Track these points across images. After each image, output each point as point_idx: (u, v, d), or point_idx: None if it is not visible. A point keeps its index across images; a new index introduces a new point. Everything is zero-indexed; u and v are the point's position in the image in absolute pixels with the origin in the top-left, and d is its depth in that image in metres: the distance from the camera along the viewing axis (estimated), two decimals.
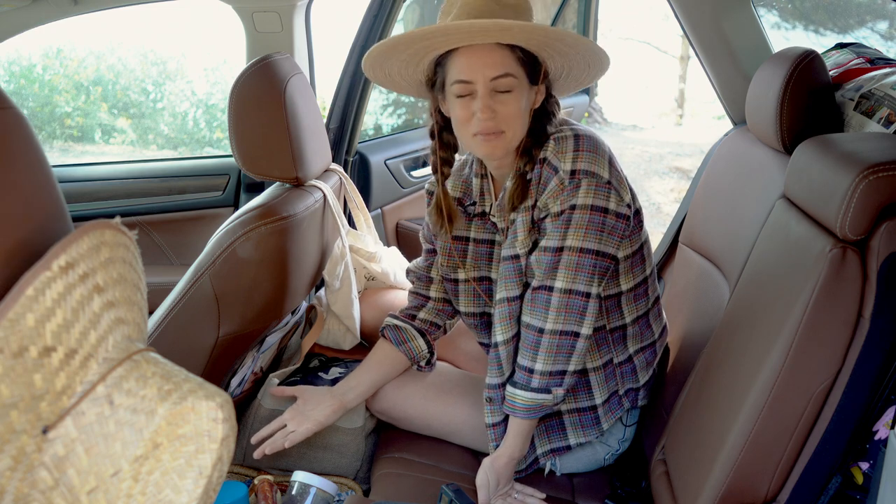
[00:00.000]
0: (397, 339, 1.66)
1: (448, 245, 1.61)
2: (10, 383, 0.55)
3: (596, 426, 1.57)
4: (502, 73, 1.35)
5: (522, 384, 1.45)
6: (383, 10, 2.22)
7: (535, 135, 1.44)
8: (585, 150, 1.39)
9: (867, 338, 1.13)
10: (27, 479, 0.58)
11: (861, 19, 6.56)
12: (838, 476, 1.16)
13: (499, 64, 1.35)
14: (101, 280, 0.62)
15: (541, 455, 1.58)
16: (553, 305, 1.41)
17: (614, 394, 1.57)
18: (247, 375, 1.80)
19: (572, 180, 1.38)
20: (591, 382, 1.56)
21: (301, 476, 1.50)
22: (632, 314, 1.56)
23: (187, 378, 0.64)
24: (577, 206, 1.38)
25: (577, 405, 1.57)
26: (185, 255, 2.45)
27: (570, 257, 1.39)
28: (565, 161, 1.39)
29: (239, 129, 1.69)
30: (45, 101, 6.73)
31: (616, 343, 1.56)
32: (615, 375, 1.57)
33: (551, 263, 1.40)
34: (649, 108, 8.63)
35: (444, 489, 1.41)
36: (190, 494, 0.61)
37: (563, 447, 1.58)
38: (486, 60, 1.35)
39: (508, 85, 1.36)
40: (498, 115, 1.37)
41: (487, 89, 1.36)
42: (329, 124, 2.30)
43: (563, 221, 1.39)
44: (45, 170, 0.65)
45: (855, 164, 1.16)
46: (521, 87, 1.38)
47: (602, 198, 1.38)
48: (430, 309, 1.69)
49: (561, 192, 1.39)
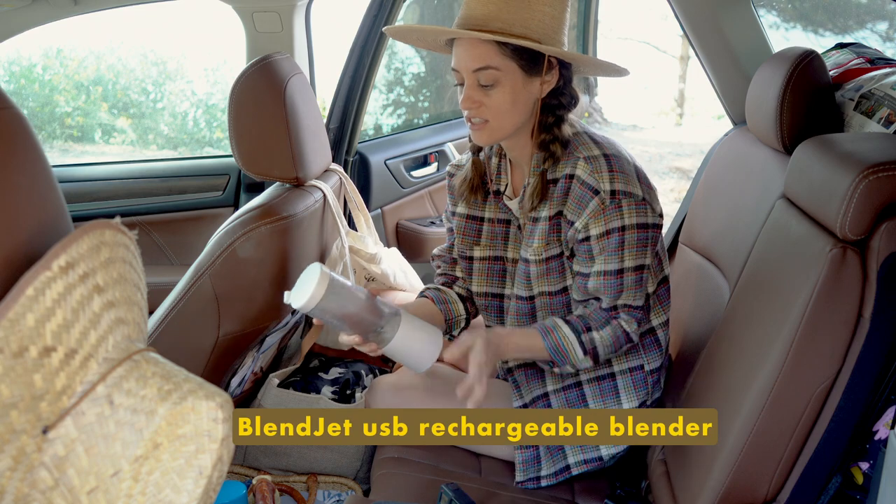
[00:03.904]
0: (438, 298, 1.64)
1: (462, 224, 1.62)
2: (10, 383, 0.55)
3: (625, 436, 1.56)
4: (482, 66, 1.38)
5: (574, 327, 1.45)
6: (383, 10, 2.22)
7: (548, 128, 1.45)
8: (619, 171, 1.41)
9: (867, 338, 1.13)
10: (27, 479, 0.58)
11: (861, 19, 6.56)
12: (838, 476, 1.16)
13: (479, 57, 1.38)
14: (101, 280, 0.62)
15: (573, 465, 1.57)
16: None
17: (643, 404, 1.56)
18: (247, 375, 1.80)
19: (613, 200, 1.40)
20: (619, 387, 1.55)
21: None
22: (658, 317, 1.56)
23: (187, 378, 0.64)
24: (626, 227, 1.40)
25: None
26: (185, 255, 2.45)
27: (630, 277, 1.43)
28: (604, 181, 1.40)
29: (239, 129, 1.69)
30: (45, 101, 6.73)
31: (648, 349, 1.55)
32: (646, 383, 1.55)
33: (615, 286, 1.43)
34: (649, 107, 8.63)
35: (444, 489, 1.41)
36: (190, 494, 0.61)
37: (596, 458, 1.57)
38: (468, 53, 1.39)
39: (490, 78, 1.39)
40: (482, 106, 1.41)
41: (472, 80, 1.40)
42: (329, 124, 2.30)
43: (617, 243, 1.41)
44: (45, 170, 0.65)
45: (855, 164, 1.16)
46: (510, 78, 1.40)
47: (643, 215, 1.42)
48: (461, 286, 1.69)
49: (602, 213, 1.40)
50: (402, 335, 1.33)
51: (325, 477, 1.75)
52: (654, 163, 6.81)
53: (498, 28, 1.36)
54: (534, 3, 1.37)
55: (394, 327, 1.33)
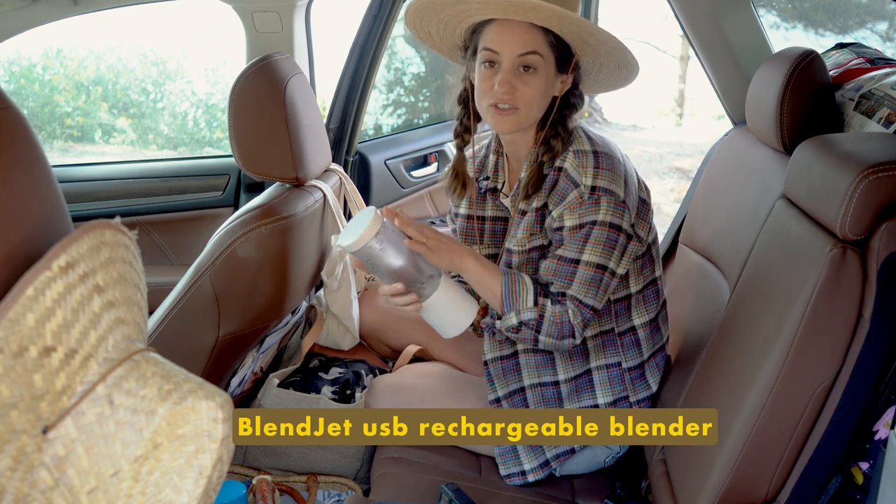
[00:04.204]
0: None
1: (464, 224, 1.63)
2: (10, 383, 0.55)
3: None
4: (530, 50, 1.38)
5: (534, 284, 1.43)
6: (383, 10, 2.22)
7: (554, 126, 1.46)
8: (605, 169, 1.42)
9: (867, 338, 1.13)
10: (27, 479, 0.58)
11: (861, 19, 6.55)
12: (838, 476, 1.16)
13: (528, 42, 1.38)
14: (101, 280, 0.62)
15: (551, 458, 1.58)
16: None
17: (623, 399, 1.57)
18: (247, 375, 1.80)
19: (592, 195, 1.40)
20: (595, 381, 1.56)
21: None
22: (641, 317, 1.56)
23: (187, 378, 0.64)
24: (597, 222, 1.40)
25: (580, 404, 1.56)
26: (185, 255, 2.45)
27: (586, 272, 1.41)
28: (586, 176, 1.41)
29: (239, 129, 1.69)
30: (45, 101, 6.72)
31: (627, 347, 1.56)
32: (622, 380, 1.56)
33: (567, 273, 1.42)
34: (649, 107, 8.62)
35: (444, 489, 1.41)
36: (190, 494, 0.61)
37: (568, 451, 1.58)
38: (516, 36, 1.38)
39: (534, 62, 1.39)
40: (517, 92, 1.40)
41: (513, 64, 1.39)
42: (329, 124, 2.30)
43: (583, 235, 1.41)
44: (46, 170, 0.65)
45: (855, 164, 1.16)
46: (547, 69, 1.41)
47: (618, 216, 1.41)
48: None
49: (579, 206, 1.41)
50: (440, 295, 1.35)
51: (325, 477, 1.75)
52: (654, 163, 6.81)
53: (547, 13, 1.33)
54: (570, 2, 1.38)
55: (433, 286, 1.34)
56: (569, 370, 1.56)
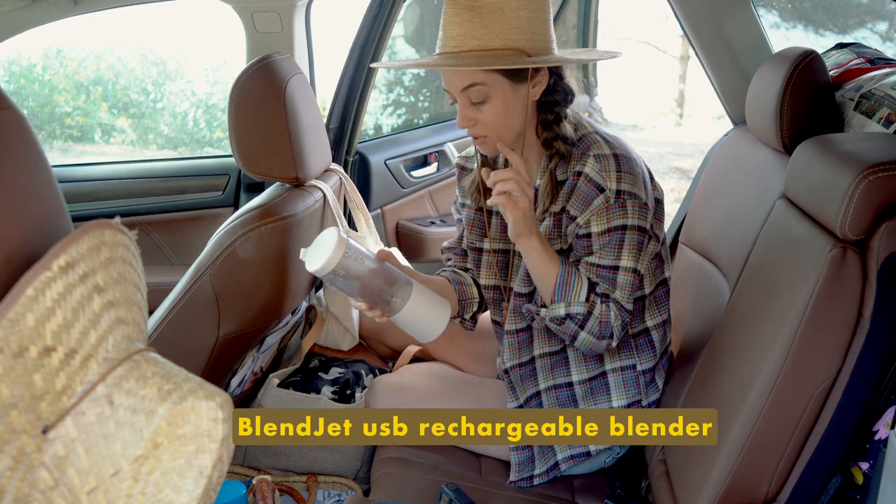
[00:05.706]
0: (454, 279, 1.64)
1: (471, 215, 1.62)
2: (10, 383, 0.55)
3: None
4: (468, 84, 1.38)
5: (590, 281, 1.44)
6: (383, 10, 2.22)
7: (549, 125, 1.45)
8: (626, 172, 1.42)
9: (867, 338, 1.13)
10: (27, 479, 0.58)
11: (861, 19, 6.55)
12: (838, 476, 1.16)
13: (466, 76, 1.38)
14: (101, 280, 0.62)
15: (561, 461, 1.58)
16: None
17: (636, 403, 1.56)
18: (247, 375, 1.80)
19: (618, 199, 1.41)
20: (610, 384, 1.56)
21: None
22: (654, 318, 1.56)
23: (187, 378, 0.64)
24: (627, 226, 1.41)
25: (595, 406, 1.56)
26: (185, 255, 2.45)
27: (626, 277, 1.43)
28: (610, 180, 1.41)
29: (239, 129, 1.69)
30: (45, 101, 6.73)
31: (641, 348, 1.56)
32: (637, 383, 1.56)
33: (609, 279, 1.43)
34: (649, 107, 8.62)
35: (444, 489, 1.41)
36: (190, 494, 0.61)
37: (583, 453, 1.58)
38: (454, 74, 1.39)
39: (480, 94, 1.39)
40: (478, 123, 1.41)
41: (464, 99, 1.41)
42: (329, 124, 2.30)
43: (617, 241, 1.42)
44: (45, 170, 0.65)
45: (855, 164, 1.16)
46: (499, 91, 1.39)
47: (643, 218, 1.43)
48: (472, 276, 1.68)
49: (606, 211, 1.41)
50: (411, 305, 1.34)
51: (325, 477, 1.75)
52: (654, 163, 6.81)
53: (476, 46, 1.35)
54: (507, 9, 1.34)
55: (404, 297, 1.34)
56: (583, 372, 1.55)
